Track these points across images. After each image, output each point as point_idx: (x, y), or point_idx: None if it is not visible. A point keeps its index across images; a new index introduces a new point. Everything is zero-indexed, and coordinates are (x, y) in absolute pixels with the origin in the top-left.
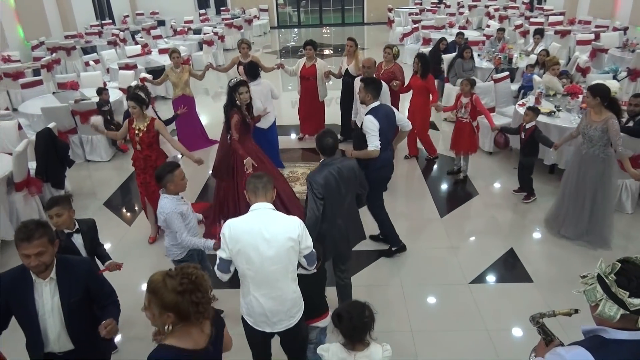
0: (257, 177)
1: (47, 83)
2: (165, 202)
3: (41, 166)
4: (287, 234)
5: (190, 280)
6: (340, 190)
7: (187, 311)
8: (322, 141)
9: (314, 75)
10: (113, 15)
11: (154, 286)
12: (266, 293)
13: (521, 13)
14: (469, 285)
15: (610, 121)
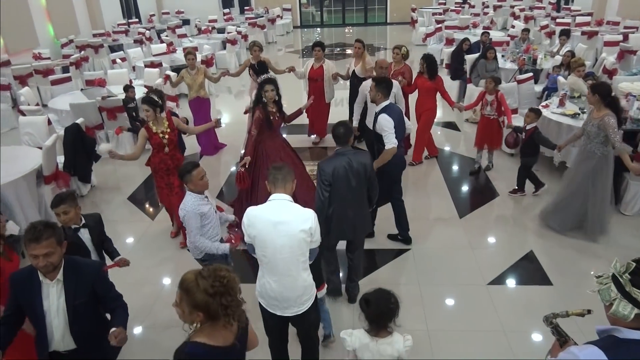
0: (277, 169)
1: (75, 80)
2: (188, 199)
3: (69, 160)
4: (301, 226)
5: (222, 283)
6: (350, 180)
7: (216, 312)
8: (334, 130)
9: (321, 76)
10: (140, 14)
11: (186, 285)
12: (278, 279)
13: (547, 13)
14: (487, 286)
15: (606, 118)
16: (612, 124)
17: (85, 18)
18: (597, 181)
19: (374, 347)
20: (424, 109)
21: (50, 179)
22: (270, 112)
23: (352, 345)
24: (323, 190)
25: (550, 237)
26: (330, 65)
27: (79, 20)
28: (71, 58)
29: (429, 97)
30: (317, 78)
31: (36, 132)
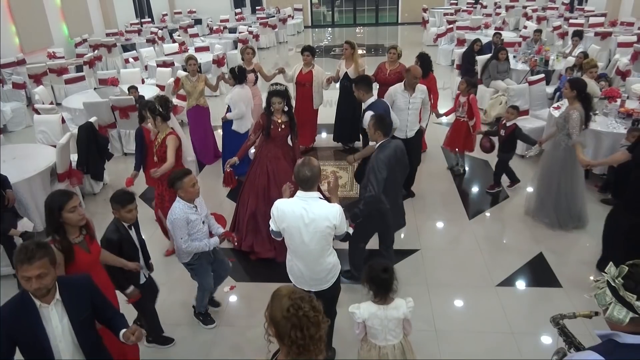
0: (305, 166)
1: (89, 79)
2: (177, 206)
3: (82, 158)
4: (326, 223)
5: (297, 314)
6: (396, 169)
7: (283, 337)
8: (383, 121)
9: (310, 81)
10: (152, 13)
11: (275, 294)
12: (305, 264)
13: (560, 14)
14: (496, 288)
15: (571, 111)
16: (574, 117)
17: (98, 17)
18: (567, 171)
19: (382, 313)
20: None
21: (63, 177)
22: (274, 122)
23: (362, 316)
24: (380, 183)
25: (560, 239)
26: (320, 70)
27: (93, 19)
28: (85, 57)
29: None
30: (305, 83)
31: (50, 130)
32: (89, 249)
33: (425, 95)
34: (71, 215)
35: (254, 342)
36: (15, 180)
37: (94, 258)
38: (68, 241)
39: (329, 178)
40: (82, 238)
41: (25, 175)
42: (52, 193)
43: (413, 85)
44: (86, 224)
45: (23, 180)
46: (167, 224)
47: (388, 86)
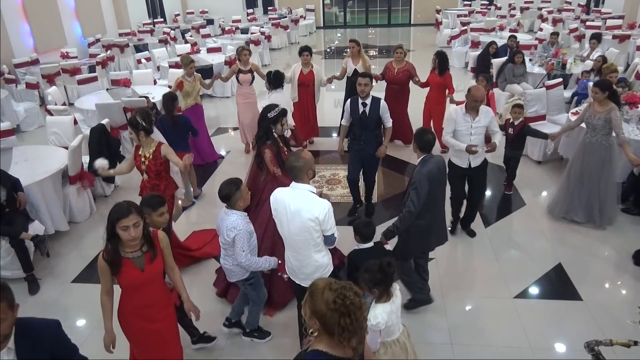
0: (294, 155)
1: (101, 79)
2: (236, 218)
3: (94, 160)
4: (308, 215)
5: (344, 303)
6: (441, 184)
7: (332, 327)
8: (423, 138)
9: (312, 81)
10: (165, 14)
11: (312, 289)
12: (293, 255)
13: (577, 16)
14: (514, 300)
15: (613, 112)
16: (619, 116)
17: (111, 17)
18: (605, 171)
19: (394, 307)
20: (433, 103)
21: (75, 179)
22: (279, 148)
23: (384, 321)
24: (421, 201)
25: (581, 249)
26: (318, 69)
27: (106, 19)
28: (98, 57)
29: (439, 92)
30: (309, 83)
31: (62, 132)
32: (143, 267)
33: (492, 119)
34: (122, 233)
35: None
36: (27, 182)
37: (148, 278)
38: (117, 254)
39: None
40: (141, 254)
41: (36, 177)
42: (117, 203)
43: (475, 108)
44: (154, 239)
45: (34, 182)
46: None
47: (396, 85)
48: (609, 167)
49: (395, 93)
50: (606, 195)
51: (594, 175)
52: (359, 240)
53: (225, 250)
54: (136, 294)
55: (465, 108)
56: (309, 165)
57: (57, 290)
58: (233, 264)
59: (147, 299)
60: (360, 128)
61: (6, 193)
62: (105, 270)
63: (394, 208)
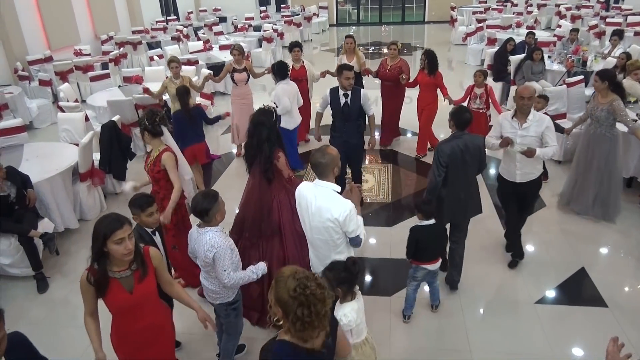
0: (319, 152)
1: (113, 76)
2: (212, 235)
3: (104, 158)
4: (328, 215)
5: (304, 293)
6: (466, 161)
7: (291, 313)
8: (461, 116)
9: (305, 76)
10: (178, 11)
11: (277, 277)
12: (314, 252)
13: (596, 13)
14: (535, 305)
15: (615, 103)
16: (622, 107)
17: (125, 15)
18: (610, 162)
19: (360, 304)
20: (425, 104)
21: (85, 177)
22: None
23: (354, 318)
24: (440, 171)
25: (605, 253)
26: (309, 64)
27: (120, 17)
28: (110, 55)
29: (429, 92)
30: (302, 78)
31: (73, 128)
32: (132, 289)
33: (548, 129)
34: (116, 247)
35: None
36: (37, 179)
37: (138, 300)
38: (105, 275)
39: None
40: (130, 274)
41: (46, 174)
42: (103, 217)
43: (523, 111)
44: (144, 255)
45: (44, 179)
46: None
47: (388, 82)
48: (613, 159)
49: (389, 90)
50: (610, 187)
51: (599, 167)
52: (421, 218)
53: (207, 272)
54: (126, 318)
55: (514, 112)
56: (335, 162)
57: (66, 289)
58: (218, 286)
59: (140, 323)
60: (341, 120)
61: (16, 190)
62: (88, 291)
63: (411, 208)
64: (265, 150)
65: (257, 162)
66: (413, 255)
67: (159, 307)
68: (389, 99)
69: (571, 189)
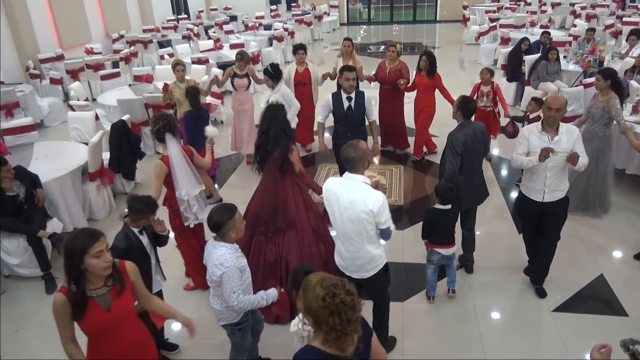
0: (351, 147)
1: (124, 75)
2: (224, 252)
3: (114, 157)
4: (362, 206)
5: (334, 302)
6: (476, 148)
7: (323, 324)
8: (468, 105)
9: (309, 79)
10: (189, 10)
11: (306, 284)
12: (345, 246)
13: (612, 12)
14: (552, 313)
15: (612, 100)
16: (616, 104)
17: (136, 13)
18: (600, 161)
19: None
20: (423, 106)
21: (95, 176)
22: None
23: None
24: (457, 159)
25: (623, 259)
26: (314, 67)
27: (131, 15)
28: (121, 53)
29: (428, 94)
30: (306, 82)
31: (84, 127)
32: (110, 307)
33: (577, 141)
34: (95, 261)
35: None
36: (46, 178)
37: (117, 318)
38: (83, 294)
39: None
40: (106, 291)
41: (56, 174)
42: (75, 233)
43: (552, 123)
44: (120, 270)
45: (53, 179)
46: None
47: (388, 85)
48: (602, 158)
49: (388, 94)
50: (597, 185)
51: (592, 164)
52: (438, 202)
53: (214, 289)
54: (106, 339)
55: (541, 124)
56: (366, 156)
57: None
58: (222, 306)
59: (121, 343)
60: (345, 125)
61: (25, 190)
62: (63, 314)
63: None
64: (283, 143)
65: (271, 157)
66: (427, 235)
67: (138, 324)
68: (388, 103)
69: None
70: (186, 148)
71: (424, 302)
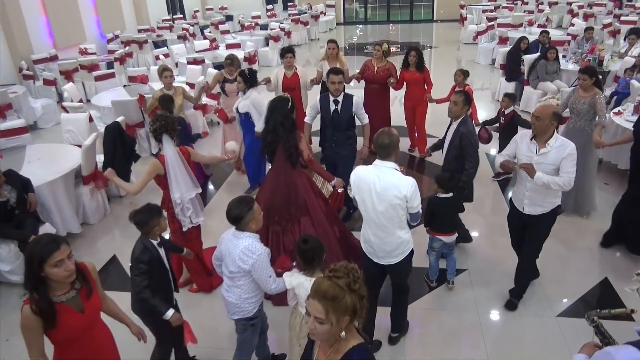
0: (385, 134)
1: (119, 76)
2: (251, 241)
3: (108, 160)
4: (395, 192)
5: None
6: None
7: (358, 308)
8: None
9: (298, 84)
10: (184, 9)
11: (332, 294)
12: (374, 232)
13: (609, 11)
14: (557, 318)
15: (598, 96)
16: (603, 101)
17: (131, 13)
18: (587, 156)
19: (308, 285)
20: (418, 101)
21: (88, 179)
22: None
23: (291, 284)
24: (477, 154)
25: (629, 262)
26: (303, 70)
27: (125, 15)
28: (116, 54)
29: (419, 89)
30: (295, 86)
31: (77, 129)
32: (82, 307)
33: (568, 159)
34: (56, 270)
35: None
36: (38, 182)
37: (90, 319)
38: (49, 301)
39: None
40: (75, 293)
41: (48, 177)
42: (36, 240)
43: (540, 133)
44: (83, 271)
45: (46, 183)
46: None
47: (377, 84)
48: (589, 153)
49: (375, 94)
50: (584, 182)
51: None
52: (441, 191)
53: (231, 280)
54: (77, 346)
55: (532, 132)
56: (398, 143)
57: None
58: (241, 297)
59: (90, 348)
60: (331, 128)
61: (16, 194)
62: (35, 326)
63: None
64: (281, 135)
65: (280, 147)
66: (429, 223)
67: (103, 326)
68: (376, 104)
69: None
70: (183, 149)
71: (426, 306)
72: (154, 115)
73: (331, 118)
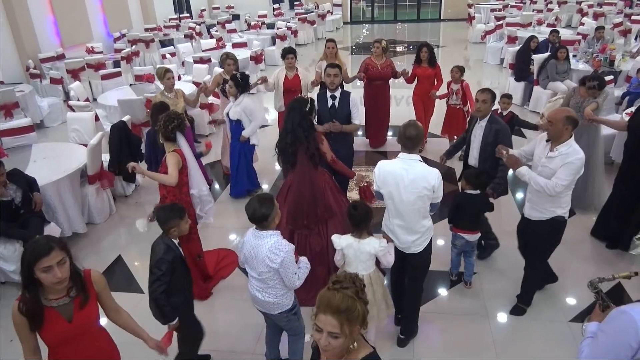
0: (411, 126)
1: (125, 75)
2: (277, 239)
3: (114, 159)
4: (424, 184)
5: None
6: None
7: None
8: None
9: (299, 86)
10: (191, 9)
11: (345, 306)
12: (399, 223)
13: (619, 10)
14: (569, 324)
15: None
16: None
17: (138, 12)
18: (594, 153)
19: (357, 245)
20: (427, 97)
21: (94, 179)
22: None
23: (340, 245)
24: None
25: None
26: (304, 72)
27: (132, 14)
28: (122, 52)
29: (430, 85)
30: (295, 88)
31: (83, 128)
32: (71, 317)
33: (569, 163)
34: (44, 275)
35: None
36: (44, 182)
37: (78, 330)
38: (38, 303)
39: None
40: (69, 301)
41: (54, 176)
42: (33, 241)
43: (552, 136)
44: (85, 280)
45: (51, 182)
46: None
47: (379, 80)
48: (594, 150)
49: (378, 91)
50: (598, 179)
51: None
52: (469, 187)
53: (261, 281)
54: (65, 351)
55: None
56: (423, 136)
57: None
58: (277, 295)
59: (82, 356)
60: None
61: (21, 194)
62: (22, 325)
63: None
64: (299, 135)
65: (301, 149)
66: (452, 220)
67: (103, 335)
68: (378, 101)
69: None
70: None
71: (437, 309)
72: (167, 114)
73: (328, 114)
